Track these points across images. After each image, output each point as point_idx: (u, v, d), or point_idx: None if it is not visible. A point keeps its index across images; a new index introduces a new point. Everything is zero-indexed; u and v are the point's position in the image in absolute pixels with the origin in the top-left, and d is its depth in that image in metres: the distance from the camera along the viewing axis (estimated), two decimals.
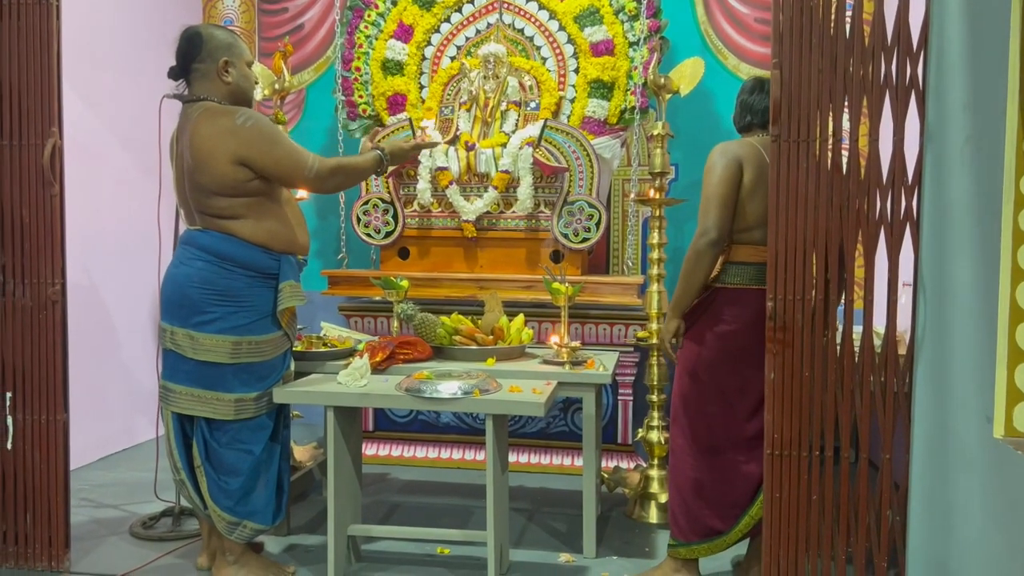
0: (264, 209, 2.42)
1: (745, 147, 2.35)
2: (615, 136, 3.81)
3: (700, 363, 2.37)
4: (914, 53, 2.04)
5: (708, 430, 2.37)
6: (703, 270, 2.31)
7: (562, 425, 3.77)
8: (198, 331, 2.37)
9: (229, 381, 2.40)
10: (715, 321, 2.35)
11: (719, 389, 2.35)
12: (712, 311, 2.36)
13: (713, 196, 2.30)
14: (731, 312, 2.33)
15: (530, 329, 3.07)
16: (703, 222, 2.30)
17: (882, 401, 2.09)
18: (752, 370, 2.30)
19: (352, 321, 3.82)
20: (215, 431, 2.42)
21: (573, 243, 3.59)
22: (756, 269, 2.32)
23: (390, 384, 2.52)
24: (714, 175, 2.31)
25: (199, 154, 2.33)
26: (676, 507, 2.42)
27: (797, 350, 2.13)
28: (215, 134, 2.33)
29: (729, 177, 2.29)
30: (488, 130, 3.82)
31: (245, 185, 2.36)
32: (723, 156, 2.32)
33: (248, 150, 2.33)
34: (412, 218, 3.82)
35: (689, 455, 2.39)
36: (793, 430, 2.14)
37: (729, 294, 2.34)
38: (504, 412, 2.45)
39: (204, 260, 2.38)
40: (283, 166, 2.38)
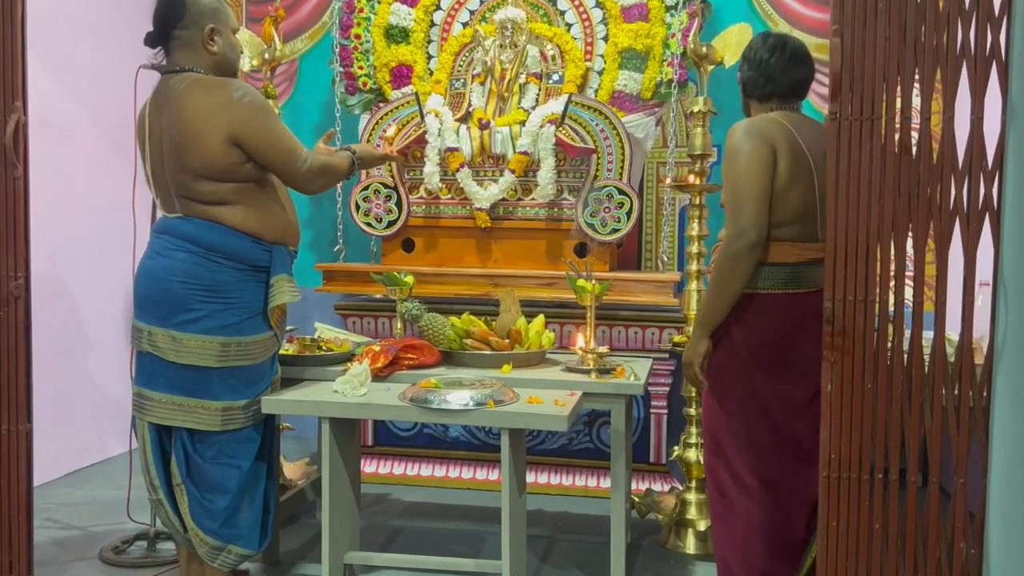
0: (255, 195, 2.43)
1: (773, 127, 2.27)
2: (649, 113, 3.80)
3: (735, 384, 2.32)
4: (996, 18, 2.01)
5: (756, 460, 2.30)
6: (740, 279, 2.24)
7: (587, 441, 3.76)
8: (181, 331, 2.38)
9: (215, 387, 2.41)
10: (749, 333, 2.29)
11: (762, 411, 2.29)
12: (745, 322, 2.29)
13: (747, 189, 2.22)
14: (767, 321, 2.27)
15: (551, 332, 3.06)
16: (737, 222, 2.22)
17: (955, 417, 2.07)
18: (797, 385, 2.28)
19: (350, 322, 3.83)
20: (199, 444, 2.43)
21: (601, 234, 3.59)
22: (792, 270, 2.28)
23: (392, 393, 2.53)
24: (744, 163, 2.23)
25: (188, 131, 2.34)
26: (731, 559, 2.33)
27: (858, 358, 2.11)
28: (208, 108, 2.33)
29: (763, 165, 2.22)
30: (505, 106, 3.82)
31: (237, 169, 2.37)
32: (751, 139, 2.24)
33: (243, 128, 2.34)
34: (418, 205, 3.83)
35: (738, 493, 2.32)
36: (853, 450, 2.12)
37: (764, 301, 2.28)
38: (522, 426, 2.44)
39: (187, 251, 2.39)
40: (278, 152, 2.40)
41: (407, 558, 2.71)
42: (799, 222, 2.26)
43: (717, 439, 2.35)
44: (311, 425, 3.15)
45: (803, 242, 2.27)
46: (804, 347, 2.29)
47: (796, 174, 2.24)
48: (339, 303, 3.90)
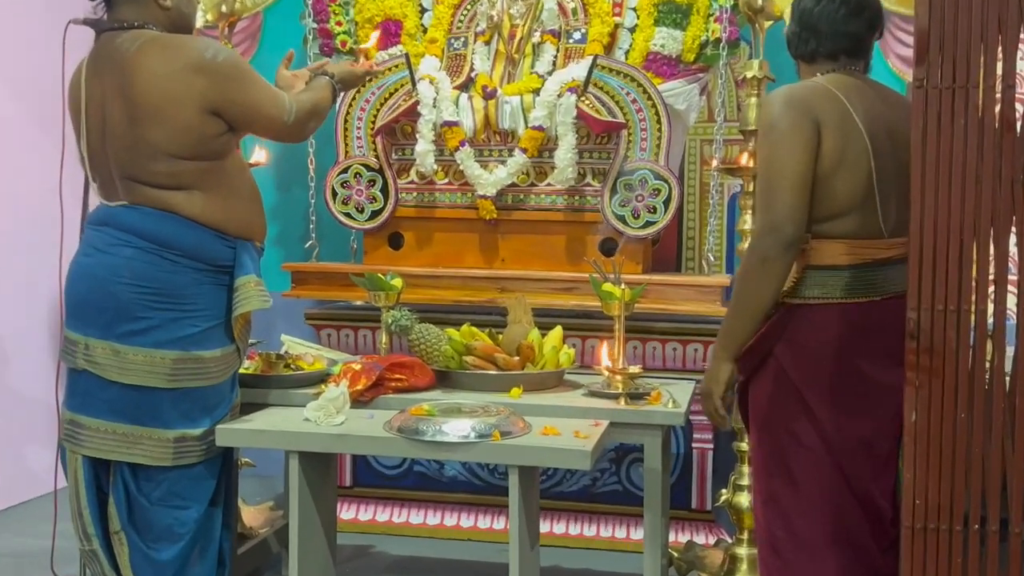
0: (219, 178, 2.45)
1: (818, 96, 2.24)
2: (692, 80, 3.81)
3: (786, 420, 2.27)
4: None
5: (819, 513, 2.27)
6: (772, 286, 2.21)
7: (614, 482, 3.76)
8: (126, 344, 2.39)
9: (167, 413, 2.41)
10: (800, 355, 2.25)
11: (823, 452, 2.25)
12: (794, 341, 2.25)
13: (782, 174, 2.19)
14: (822, 339, 2.24)
15: (571, 348, 3.07)
16: (768, 214, 2.19)
17: None
18: (864, 419, 2.26)
19: (324, 334, 3.84)
20: (144, 482, 2.44)
21: (632, 228, 3.60)
22: (851, 274, 2.25)
23: (376, 422, 2.53)
24: (779, 142, 2.20)
25: (150, 100, 2.35)
26: None
27: (949, 382, 2.10)
28: (175, 73, 2.35)
29: (804, 144, 2.18)
30: (515, 71, 3.83)
31: (212, 142, 2.40)
32: (790, 112, 2.21)
33: (224, 96, 2.37)
34: (408, 192, 3.84)
35: (796, 553, 2.28)
36: (942, 494, 2.11)
37: (816, 314, 2.24)
38: (535, 463, 2.45)
39: (136, 247, 2.40)
40: (263, 112, 2.44)
41: None
42: (854, 214, 2.23)
43: (769, 487, 2.32)
44: (276, 461, 3.15)
45: (861, 239, 2.24)
46: (869, 370, 2.27)
47: (846, 155, 2.21)
48: (311, 311, 3.90)
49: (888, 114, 2.28)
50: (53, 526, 3.12)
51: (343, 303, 3.92)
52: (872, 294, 2.27)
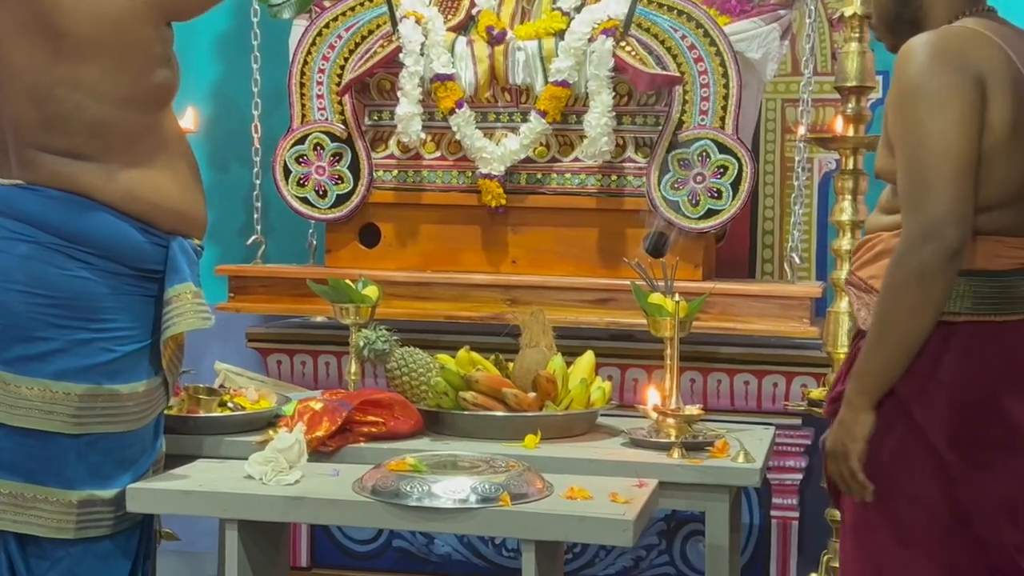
0: (152, 146, 2.51)
1: (979, 44, 2.19)
2: (771, 18, 3.82)
3: (914, 481, 2.26)
4: None
5: None
6: (933, 309, 2.17)
7: (665, 563, 3.78)
8: (18, 374, 2.43)
9: (70, 468, 2.45)
10: (932, 395, 2.23)
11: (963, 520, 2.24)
12: (922, 375, 2.23)
13: (941, 158, 2.13)
14: (965, 371, 2.23)
15: (606, 381, 3.10)
16: (922, 214, 2.14)
17: None
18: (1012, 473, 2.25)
19: (272, 360, 3.87)
20: (36, 561, 2.47)
21: (689, 219, 3.63)
22: (1004, 283, 2.24)
23: (343, 480, 2.55)
24: (933, 112, 2.15)
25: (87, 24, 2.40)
26: None
27: None
28: None
29: (968, 113, 2.12)
30: (531, 6, 3.85)
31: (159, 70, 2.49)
32: (946, 68, 2.15)
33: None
34: (387, 170, 3.88)
35: None
36: None
37: (954, 336, 2.23)
38: (558, 538, 2.47)
39: (34, 242, 2.44)
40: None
41: None
42: (1016, 204, 2.24)
43: (880, 568, 2.34)
44: (207, 532, 3.18)
45: (1016, 236, 2.25)
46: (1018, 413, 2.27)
47: (1018, 123, 2.17)
48: (254, 330, 3.93)
49: None
50: None
51: (298, 319, 3.94)
52: (1020, 311, 2.26)
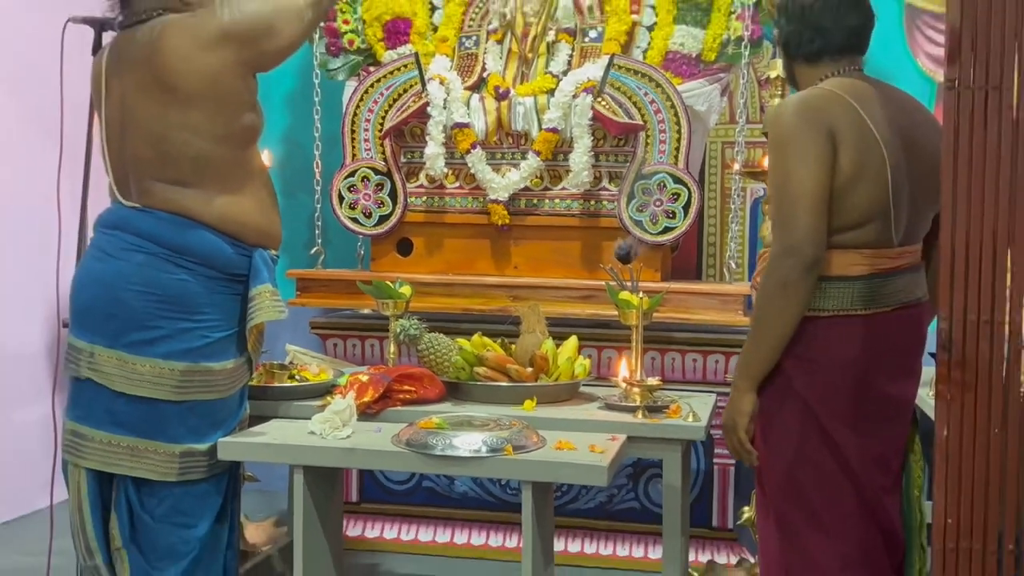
0: (241, 178, 2.49)
1: (834, 105, 2.20)
2: (713, 80, 3.81)
3: (800, 443, 2.26)
4: None
5: (837, 539, 2.25)
6: (796, 309, 2.18)
7: (631, 499, 3.76)
8: (135, 354, 2.40)
9: (173, 427, 2.43)
10: (814, 372, 2.23)
11: (842, 476, 2.24)
12: (805, 357, 2.23)
13: (800, 194, 2.15)
14: (835, 354, 2.22)
15: (587, 359, 3.07)
16: (787, 234, 2.16)
17: None
18: (883, 438, 2.27)
19: (330, 343, 3.84)
20: (147, 498, 2.45)
21: (650, 234, 3.59)
22: (865, 284, 2.23)
23: (384, 435, 2.54)
24: (796, 159, 2.17)
25: (190, 79, 2.38)
26: None
27: (982, 395, 2.09)
28: (207, 47, 2.37)
29: (821, 161, 2.15)
30: (528, 71, 3.84)
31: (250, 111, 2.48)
32: (804, 124, 2.18)
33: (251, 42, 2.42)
34: (418, 196, 3.85)
35: None
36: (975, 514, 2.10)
37: (830, 326, 2.22)
38: (550, 479, 2.45)
39: (148, 253, 2.42)
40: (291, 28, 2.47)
41: None
42: (869, 224, 2.21)
43: (783, 514, 2.30)
44: (280, 476, 3.15)
45: (875, 248, 2.23)
46: (883, 385, 2.26)
47: (864, 166, 2.19)
48: (316, 320, 3.91)
49: (902, 120, 2.26)
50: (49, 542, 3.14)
51: (349, 311, 3.92)
52: (886, 305, 2.25)
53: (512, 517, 3.70)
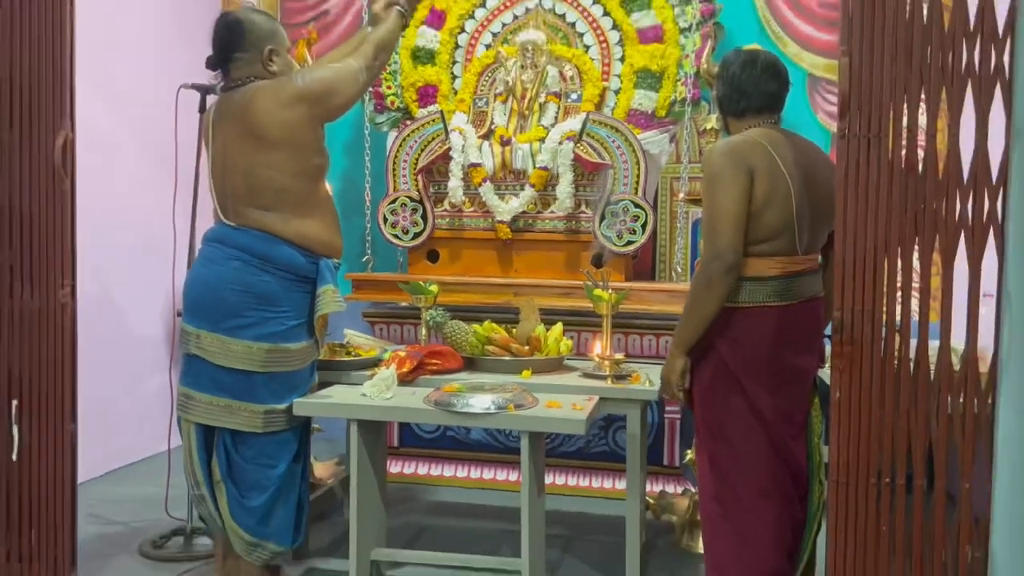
0: (311, 205, 2.46)
1: (751, 148, 2.20)
2: (664, 130, 3.79)
3: (726, 401, 2.25)
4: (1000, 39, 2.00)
5: (754, 475, 2.25)
6: (717, 299, 2.18)
7: (603, 445, 3.75)
8: (230, 336, 2.40)
9: (259, 391, 2.42)
10: (736, 348, 2.23)
11: (757, 425, 2.24)
12: (731, 337, 2.23)
13: (724, 214, 2.16)
14: (754, 335, 2.22)
15: (569, 339, 3.06)
16: (713, 244, 2.16)
17: (961, 425, 2.05)
18: (788, 397, 2.26)
19: (377, 328, 3.85)
20: (240, 445, 2.45)
21: (617, 246, 3.58)
22: (775, 284, 2.23)
23: (418, 397, 2.54)
24: (722, 188, 2.17)
25: (275, 129, 2.38)
26: (729, 568, 2.26)
27: (866, 367, 2.09)
28: (285, 106, 2.38)
29: (740, 191, 2.15)
30: (526, 123, 3.83)
31: (321, 154, 2.47)
32: (729, 164, 2.18)
33: (321, 102, 2.41)
34: (442, 218, 3.84)
35: (735, 508, 2.26)
36: (860, 455, 2.10)
37: (749, 314, 2.22)
38: (541, 429, 2.44)
39: (241, 260, 2.41)
40: (349, 88, 2.47)
41: (431, 555, 2.72)
42: (778, 238, 2.21)
43: (714, 454, 2.29)
44: (340, 427, 3.16)
45: (784, 256, 2.23)
46: (791, 358, 2.26)
47: (774, 194, 2.19)
48: (367, 311, 3.91)
49: (804, 160, 2.26)
50: (167, 477, 3.15)
51: (392, 304, 3.92)
52: (792, 299, 2.25)
53: (513, 458, 3.70)
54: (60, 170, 2.52)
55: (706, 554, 2.33)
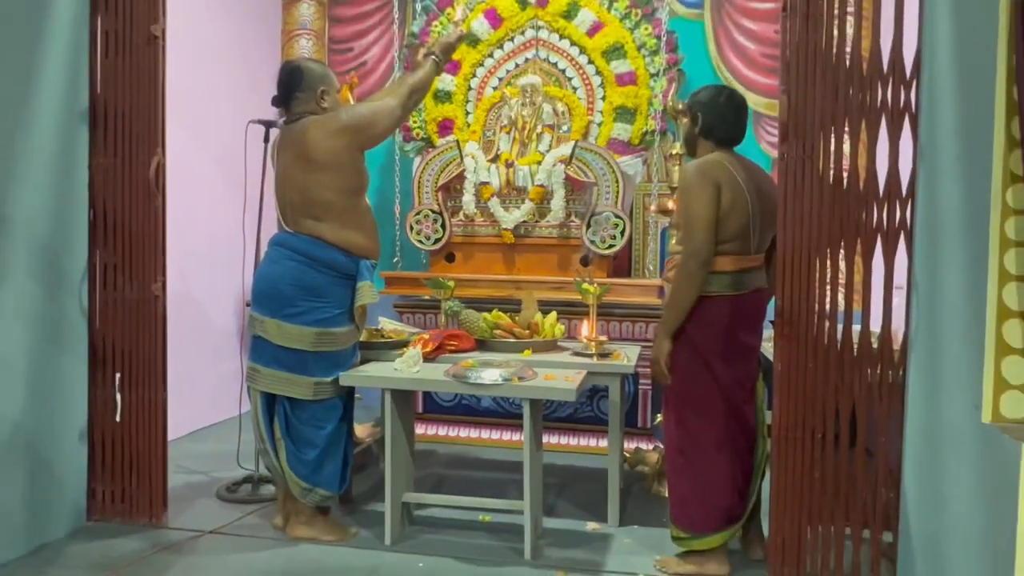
0: (352, 216, 2.46)
1: (719, 168, 2.21)
2: (637, 155, 3.80)
3: (696, 375, 2.25)
4: (907, 80, 2.01)
5: (711, 429, 2.26)
6: (696, 289, 2.19)
7: (589, 410, 3.75)
8: (287, 321, 2.40)
9: (310, 366, 2.42)
10: (704, 330, 2.23)
11: (718, 392, 2.25)
12: (699, 321, 2.22)
13: (698, 219, 2.16)
14: (717, 318, 2.22)
15: (562, 325, 3.06)
16: (691, 243, 2.17)
17: (878, 391, 2.06)
18: (742, 368, 2.26)
19: (405, 316, 3.84)
20: (296, 409, 2.46)
21: (600, 249, 3.58)
22: (732, 277, 2.23)
23: (439, 371, 2.54)
24: (697, 198, 2.17)
25: (323, 156, 2.38)
26: (690, 500, 2.27)
27: (802, 345, 2.11)
28: (332, 134, 2.38)
29: (711, 200, 2.16)
30: (525, 150, 3.83)
31: (362, 176, 2.46)
32: (702, 180, 2.18)
33: (361, 134, 2.41)
34: (458, 227, 3.84)
35: (694, 454, 2.27)
36: (798, 416, 2.12)
37: (714, 302, 2.22)
38: (539, 397, 2.44)
39: (296, 260, 2.42)
40: (387, 123, 2.48)
41: (450, 498, 2.73)
42: (738, 240, 2.22)
43: (680, 415, 2.30)
44: (376, 396, 3.16)
45: (741, 255, 2.23)
46: (744, 338, 2.27)
47: (735, 204, 2.19)
48: (397, 303, 3.91)
49: (754, 177, 2.27)
50: (238, 435, 3.17)
51: (417, 297, 3.92)
52: (746, 289, 2.25)
53: (516, 421, 3.71)
54: (153, 188, 2.54)
55: (671, 496, 2.34)
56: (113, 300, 2.57)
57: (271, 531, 2.58)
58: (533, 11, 3.93)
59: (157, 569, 2.29)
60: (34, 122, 2.35)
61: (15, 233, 2.30)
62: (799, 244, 2.11)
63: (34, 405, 2.37)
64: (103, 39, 2.52)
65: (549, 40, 3.94)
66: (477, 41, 4.01)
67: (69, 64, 2.45)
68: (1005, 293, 1.55)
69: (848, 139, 2.07)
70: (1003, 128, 1.54)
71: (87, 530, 2.54)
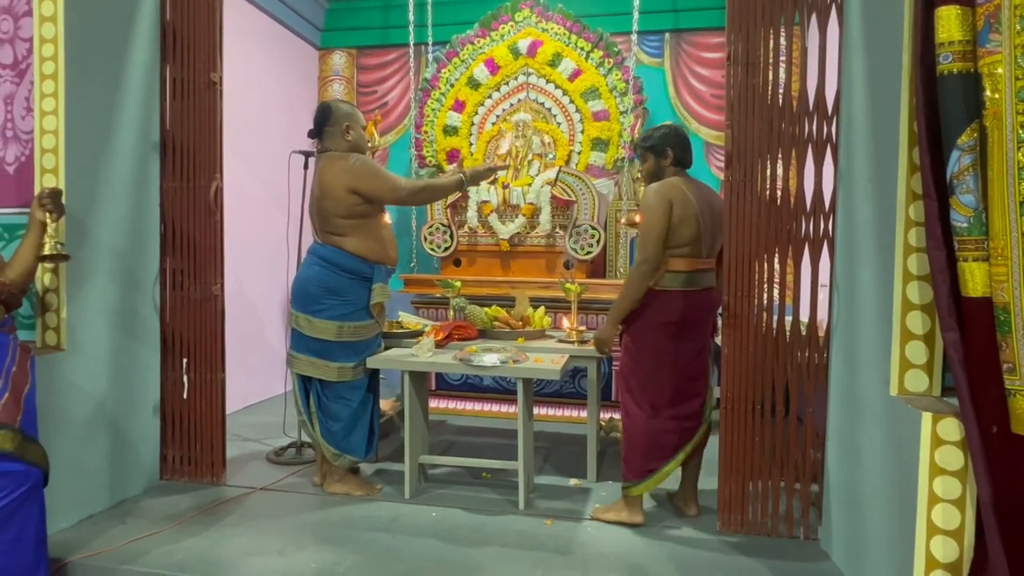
0: (365, 230, 2.43)
1: (672, 188, 2.20)
2: (610, 178, 3.80)
3: (647, 346, 2.24)
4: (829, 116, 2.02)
5: (651, 394, 2.24)
6: (642, 288, 2.19)
7: (571, 387, 3.76)
8: (314, 316, 2.40)
9: (335, 353, 2.41)
10: (658, 315, 2.22)
11: (664, 365, 2.23)
12: (654, 308, 2.22)
13: (650, 232, 2.15)
14: (670, 308, 2.21)
15: (549, 318, 3.06)
16: (643, 252, 2.16)
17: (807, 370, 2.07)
18: (691, 343, 2.25)
19: (420, 311, 3.84)
20: (325, 388, 2.45)
21: (580, 255, 3.59)
22: (686, 276, 2.22)
23: (448, 356, 2.54)
24: (651, 215, 2.17)
25: (325, 187, 2.37)
26: (632, 457, 2.26)
27: (745, 332, 2.12)
28: (335, 172, 2.36)
29: (662, 216, 2.16)
30: (519, 174, 3.83)
31: (355, 208, 2.38)
32: (657, 198, 2.17)
33: (356, 181, 2.36)
34: (463, 237, 3.83)
35: (638, 414, 2.26)
36: (742, 390, 2.12)
37: (669, 295, 2.21)
38: (531, 376, 2.44)
39: (321, 265, 2.41)
40: (382, 190, 2.38)
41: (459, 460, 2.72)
42: (690, 245, 2.21)
43: (628, 382, 2.28)
44: (396, 376, 3.16)
45: (693, 258, 2.22)
46: (694, 326, 2.25)
47: (685, 217, 2.18)
48: (414, 300, 3.90)
49: (705, 195, 2.26)
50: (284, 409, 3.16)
51: (430, 295, 3.92)
52: (697, 287, 2.24)
53: (512, 397, 3.72)
54: (212, 207, 2.54)
55: (624, 447, 2.31)
56: (180, 299, 2.57)
57: (311, 488, 2.58)
58: (524, 60, 3.93)
59: (218, 517, 2.29)
60: (115, 153, 2.35)
61: (100, 244, 2.30)
62: (742, 250, 2.12)
63: (116, 386, 2.37)
64: (171, 84, 2.52)
65: (537, 84, 3.94)
66: (478, 85, 4.01)
67: (143, 105, 2.45)
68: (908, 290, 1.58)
69: (781, 164, 2.08)
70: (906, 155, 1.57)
71: (159, 487, 2.54)
